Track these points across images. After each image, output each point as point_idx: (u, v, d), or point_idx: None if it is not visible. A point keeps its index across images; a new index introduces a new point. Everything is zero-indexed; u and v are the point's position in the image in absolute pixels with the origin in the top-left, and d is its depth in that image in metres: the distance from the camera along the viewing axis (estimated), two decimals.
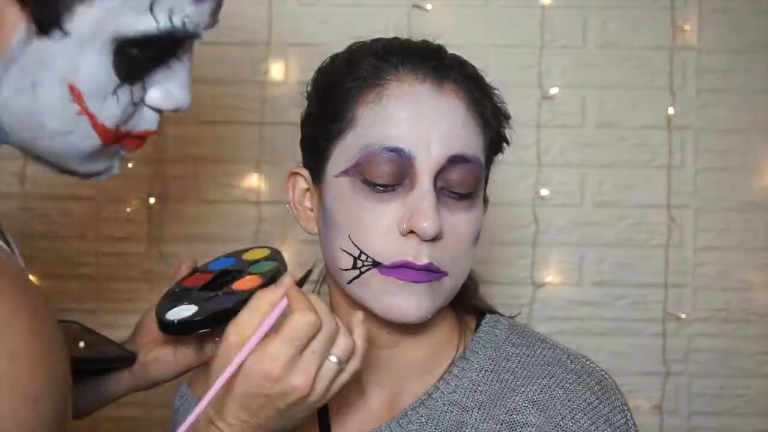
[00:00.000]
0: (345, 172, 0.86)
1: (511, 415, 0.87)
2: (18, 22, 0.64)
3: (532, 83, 1.71)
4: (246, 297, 1.01)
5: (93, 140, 0.71)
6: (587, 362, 0.92)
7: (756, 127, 1.73)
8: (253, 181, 1.70)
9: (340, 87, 0.89)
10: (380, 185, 0.85)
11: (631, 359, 1.73)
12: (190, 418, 0.74)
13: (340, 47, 0.93)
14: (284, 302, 0.78)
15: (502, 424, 0.87)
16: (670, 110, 1.72)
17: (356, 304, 0.90)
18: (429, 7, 1.70)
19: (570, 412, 0.86)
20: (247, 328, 0.78)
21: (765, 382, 1.74)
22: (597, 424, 0.86)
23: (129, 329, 1.10)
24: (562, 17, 1.71)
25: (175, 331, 1.02)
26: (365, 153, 0.85)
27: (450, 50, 0.95)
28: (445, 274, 0.86)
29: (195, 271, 1.18)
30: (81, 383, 0.99)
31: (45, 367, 0.64)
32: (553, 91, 1.71)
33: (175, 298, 1.09)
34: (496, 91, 0.94)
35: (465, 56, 0.96)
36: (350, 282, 0.87)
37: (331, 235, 0.88)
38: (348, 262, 0.86)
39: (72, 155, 0.72)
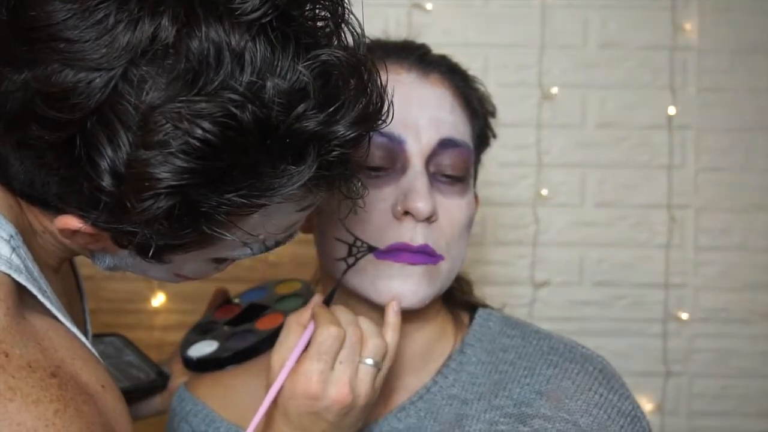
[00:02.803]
0: None
1: (518, 407, 0.88)
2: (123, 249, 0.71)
3: (533, 83, 1.71)
4: (265, 337, 1.03)
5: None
6: (584, 349, 0.93)
7: (756, 127, 1.72)
8: None
9: None
10: (372, 169, 0.85)
11: (631, 359, 1.72)
12: None
13: None
14: (312, 323, 0.82)
15: (509, 417, 0.87)
16: (671, 110, 1.71)
17: (353, 298, 0.90)
18: (429, 7, 1.69)
19: (583, 406, 0.87)
20: (285, 351, 0.82)
21: (765, 382, 1.74)
22: (612, 417, 0.87)
23: (129, 329, 1.10)
24: (562, 17, 1.71)
25: (195, 369, 1.04)
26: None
27: (450, 50, 0.96)
28: (441, 257, 0.87)
29: (227, 301, 1.20)
30: None
31: None
32: (554, 90, 1.71)
33: (201, 330, 1.12)
34: (480, 85, 0.95)
35: (465, 56, 0.97)
36: (346, 272, 0.87)
37: (324, 227, 0.89)
38: (343, 250, 0.87)
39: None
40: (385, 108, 0.71)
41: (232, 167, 0.62)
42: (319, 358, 0.79)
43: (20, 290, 0.67)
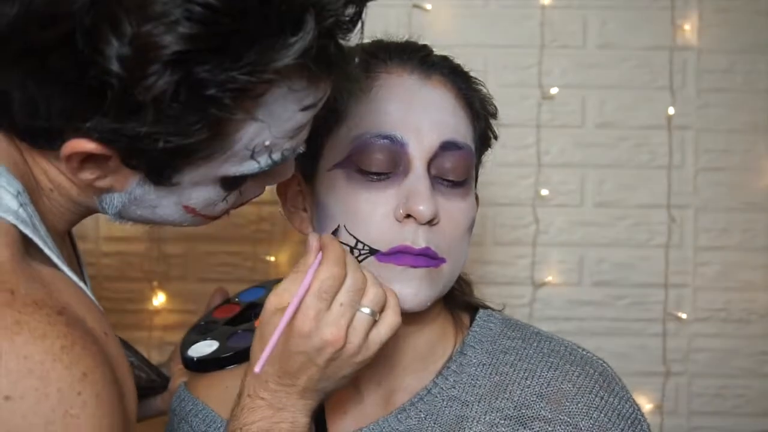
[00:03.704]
0: (338, 164, 0.87)
1: (519, 409, 0.88)
2: (131, 176, 0.72)
3: (532, 83, 1.71)
4: None
5: (200, 222, 0.80)
6: (584, 352, 0.93)
7: (756, 127, 1.73)
8: None
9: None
10: (374, 173, 0.85)
11: (631, 359, 1.73)
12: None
13: None
14: (318, 259, 0.79)
15: (510, 419, 0.87)
16: (670, 110, 1.72)
17: None
18: (429, 7, 1.69)
19: (584, 408, 0.87)
20: (284, 293, 0.80)
21: (765, 382, 1.74)
22: (612, 420, 0.87)
23: (129, 329, 1.10)
24: (562, 17, 1.71)
25: (195, 369, 1.04)
26: (358, 143, 0.86)
27: (450, 50, 0.96)
28: (443, 260, 0.87)
29: (226, 301, 1.20)
30: None
31: None
32: (553, 91, 1.71)
33: (201, 330, 1.12)
34: (481, 86, 0.94)
35: (465, 56, 0.97)
36: None
37: (327, 230, 0.88)
38: None
39: (175, 226, 0.81)
40: None
41: (233, 35, 0.63)
42: (320, 296, 0.77)
43: (26, 243, 0.67)
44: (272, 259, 1.69)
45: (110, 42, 0.61)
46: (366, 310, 0.79)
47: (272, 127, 0.71)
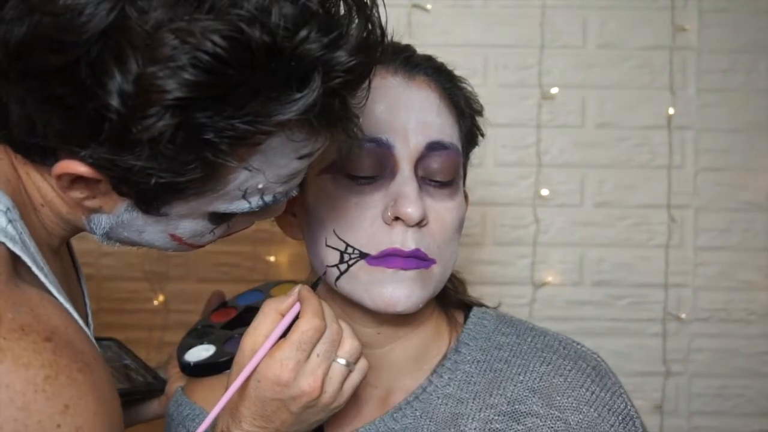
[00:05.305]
0: (326, 170, 0.87)
1: (512, 405, 0.88)
2: (120, 201, 0.72)
3: (532, 83, 1.71)
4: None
5: (186, 249, 0.80)
6: (578, 346, 0.93)
7: (756, 127, 1.73)
8: None
9: None
10: (362, 177, 0.85)
11: (631, 359, 1.73)
12: (204, 425, 0.75)
13: None
14: (296, 308, 0.80)
15: (504, 415, 0.87)
16: (670, 110, 1.72)
17: (347, 304, 0.90)
18: (429, 7, 1.69)
19: (574, 403, 0.87)
20: (258, 336, 0.80)
21: (765, 382, 1.74)
22: (602, 415, 0.86)
23: (129, 329, 1.10)
24: (562, 17, 1.71)
25: (192, 373, 1.04)
26: (344, 147, 0.85)
27: (450, 50, 0.96)
28: (433, 261, 0.87)
29: (223, 304, 1.19)
30: None
31: None
32: (553, 91, 1.71)
33: (198, 335, 1.12)
34: (466, 85, 0.94)
35: (465, 56, 0.97)
36: (339, 278, 0.87)
37: (316, 235, 0.88)
38: (334, 257, 0.86)
39: (160, 250, 0.81)
40: (386, 41, 0.73)
41: (238, 86, 0.63)
42: (300, 347, 0.78)
43: (15, 262, 0.67)
44: (272, 259, 1.69)
45: (114, 76, 0.61)
46: (342, 361, 0.80)
47: (267, 173, 0.71)
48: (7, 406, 0.59)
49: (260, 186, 0.72)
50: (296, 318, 0.80)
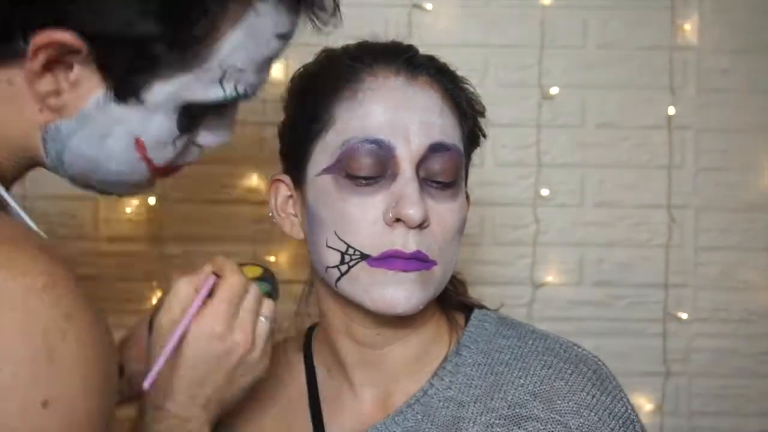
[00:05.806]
0: (327, 170, 0.87)
1: (513, 409, 0.87)
2: (95, 89, 0.69)
3: (532, 83, 1.71)
4: None
5: (145, 177, 0.78)
6: (579, 350, 0.93)
7: (756, 127, 1.73)
8: (253, 181, 1.70)
9: (317, 89, 0.90)
10: (363, 178, 0.85)
11: (631, 359, 1.73)
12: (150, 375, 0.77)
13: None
14: (211, 280, 0.83)
15: (505, 419, 0.87)
16: (670, 110, 1.72)
17: (347, 305, 0.90)
18: (429, 7, 1.69)
19: (575, 407, 0.86)
20: (176, 310, 0.82)
21: (765, 382, 1.74)
22: (603, 419, 0.86)
23: (129, 329, 1.10)
24: (562, 17, 1.71)
25: None
26: (346, 148, 0.85)
27: (450, 50, 0.96)
28: (434, 263, 0.86)
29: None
30: None
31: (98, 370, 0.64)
32: (553, 91, 1.71)
33: None
34: (468, 85, 0.94)
35: (465, 56, 0.97)
36: (339, 279, 0.87)
37: (317, 235, 0.88)
38: (335, 258, 0.86)
39: (121, 188, 0.79)
40: None
41: None
42: (230, 301, 0.81)
43: None
44: (272, 259, 1.69)
45: None
46: (263, 319, 0.84)
47: (248, 48, 0.73)
48: (9, 312, 0.59)
49: (239, 65, 0.73)
50: (211, 292, 0.83)
